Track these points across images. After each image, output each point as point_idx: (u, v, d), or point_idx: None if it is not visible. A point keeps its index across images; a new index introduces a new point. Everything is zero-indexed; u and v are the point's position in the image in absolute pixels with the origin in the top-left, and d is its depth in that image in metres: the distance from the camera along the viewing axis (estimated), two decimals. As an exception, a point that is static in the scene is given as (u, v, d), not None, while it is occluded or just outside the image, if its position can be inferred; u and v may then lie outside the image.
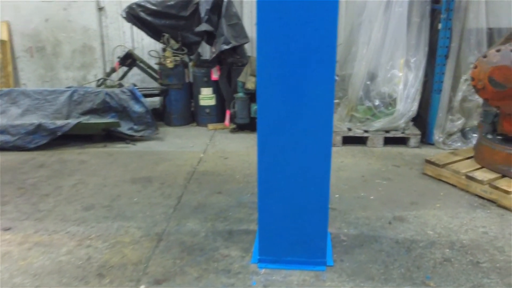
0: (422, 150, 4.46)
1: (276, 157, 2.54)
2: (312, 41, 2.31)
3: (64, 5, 5.76)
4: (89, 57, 5.95)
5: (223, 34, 4.77)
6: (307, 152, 2.53)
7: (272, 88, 2.42)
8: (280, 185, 2.56)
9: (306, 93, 2.42)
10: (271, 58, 2.37)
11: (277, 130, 2.49)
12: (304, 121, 2.47)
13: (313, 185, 2.57)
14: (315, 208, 2.57)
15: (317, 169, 2.55)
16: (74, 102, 4.77)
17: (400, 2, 4.21)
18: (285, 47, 2.33)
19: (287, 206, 2.58)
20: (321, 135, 2.54)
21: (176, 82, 5.22)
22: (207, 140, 4.91)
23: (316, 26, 2.27)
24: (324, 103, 2.45)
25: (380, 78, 4.40)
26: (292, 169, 2.55)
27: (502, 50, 3.27)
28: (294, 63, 2.36)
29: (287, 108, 2.46)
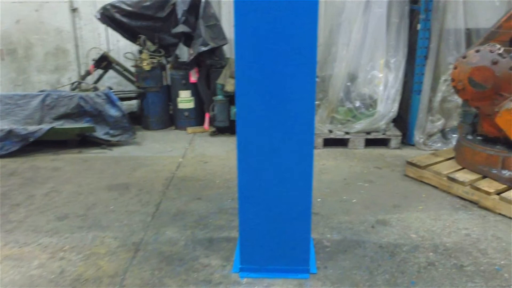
0: (403, 151, 4.44)
1: (257, 162, 2.46)
2: (292, 41, 2.24)
3: (36, 6, 5.57)
4: (62, 59, 5.77)
5: (201, 36, 4.68)
6: (289, 156, 2.46)
7: (251, 90, 2.34)
8: (261, 190, 2.49)
9: (287, 95, 2.35)
10: (250, 60, 2.29)
11: (257, 134, 2.41)
12: (285, 124, 2.41)
13: (295, 189, 2.50)
14: (297, 213, 2.50)
15: (299, 174, 2.49)
16: (47, 107, 4.60)
17: (379, 2, 4.19)
18: (264, 48, 2.26)
19: (268, 212, 2.50)
20: (302, 138, 2.47)
21: (153, 85, 5.09)
22: (186, 144, 4.80)
23: (296, 26, 2.21)
24: (305, 105, 2.38)
25: (361, 79, 4.37)
26: (273, 174, 2.48)
27: (481, 50, 3.27)
28: (274, 64, 2.29)
29: (267, 110, 2.39)
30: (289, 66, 2.30)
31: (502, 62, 3.19)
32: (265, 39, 2.25)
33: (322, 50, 4.96)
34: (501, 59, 3.19)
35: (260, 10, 2.19)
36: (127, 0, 4.86)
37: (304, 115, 2.40)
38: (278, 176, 2.49)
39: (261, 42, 2.25)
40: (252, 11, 2.20)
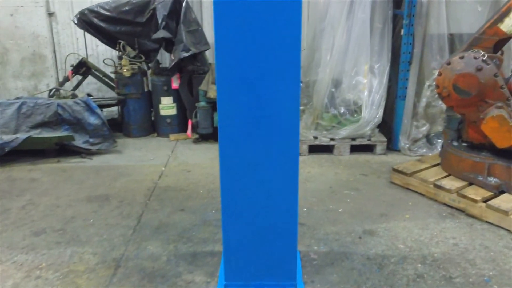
0: (389, 157, 4.41)
1: (240, 172, 2.38)
2: (274, 46, 2.17)
3: (10, 11, 5.39)
4: (40, 65, 5.60)
5: (182, 41, 4.57)
6: (273, 166, 2.39)
7: (233, 97, 2.26)
8: (245, 203, 2.40)
9: (270, 101, 2.27)
10: (231, 64, 2.20)
11: (239, 143, 2.33)
12: (269, 132, 2.33)
13: (280, 201, 2.43)
14: (283, 227, 2.43)
15: (284, 185, 2.41)
16: (23, 115, 4.44)
17: (362, 8, 4.15)
18: (245, 52, 2.18)
19: (253, 226, 2.42)
20: (287, 146, 2.40)
21: (134, 91, 4.96)
22: (168, 151, 4.68)
23: (279, 31, 2.13)
24: (289, 111, 2.31)
25: (345, 85, 4.33)
26: (258, 185, 2.40)
27: (465, 57, 3.25)
28: (256, 69, 2.21)
29: (250, 118, 2.31)
30: (272, 70, 2.22)
31: (486, 69, 3.18)
32: (246, 42, 2.16)
33: (305, 55, 4.92)
34: (485, 66, 3.18)
35: (241, 12, 2.11)
36: (105, 5, 4.74)
37: (289, 122, 2.32)
38: (262, 187, 2.42)
39: (242, 45, 2.17)
40: (233, 13, 2.11)
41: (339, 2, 4.28)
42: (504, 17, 3.20)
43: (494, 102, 3.21)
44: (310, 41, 4.86)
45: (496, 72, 3.18)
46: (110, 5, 4.73)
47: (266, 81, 2.27)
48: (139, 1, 4.69)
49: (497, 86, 3.18)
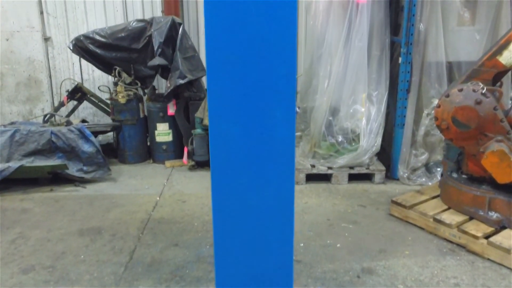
0: (388, 186, 4.34)
1: (232, 203, 2.29)
2: (268, 69, 2.11)
3: (6, 35, 5.37)
4: (35, 90, 5.56)
5: (178, 68, 4.53)
6: (268, 196, 2.32)
7: (225, 121, 2.20)
8: (238, 238, 2.31)
9: (264, 126, 2.22)
10: (223, 88, 2.14)
11: (232, 171, 2.26)
12: (263, 159, 2.27)
13: (275, 236, 2.33)
14: (278, 265, 2.34)
15: (280, 217, 2.32)
16: (16, 143, 4.37)
17: (360, 36, 4.11)
18: (238, 76, 2.12)
19: (247, 265, 2.33)
20: (282, 175, 2.34)
21: (129, 117, 4.90)
22: (164, 179, 4.61)
23: (274, 55, 2.08)
24: (284, 137, 2.25)
25: (343, 114, 4.27)
26: (251, 218, 2.30)
27: (464, 89, 3.20)
28: (249, 93, 2.15)
29: (243, 145, 2.24)
30: (265, 95, 2.15)
31: (485, 102, 3.13)
32: (239, 65, 2.10)
33: (302, 81, 4.90)
34: (484, 99, 3.12)
35: (233, 33, 2.05)
36: (101, 31, 4.70)
37: (284, 149, 2.26)
38: (256, 221, 2.33)
39: (234, 68, 2.11)
40: (225, 34, 2.06)
41: (336, 30, 4.25)
42: (503, 50, 3.16)
43: (494, 136, 3.15)
44: (307, 67, 4.83)
45: (495, 105, 3.12)
46: (106, 31, 4.70)
47: (260, 106, 2.20)
48: (135, 27, 4.66)
49: (497, 120, 3.12)
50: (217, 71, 2.13)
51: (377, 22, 4.29)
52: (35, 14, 5.31)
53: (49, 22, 5.37)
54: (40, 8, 5.31)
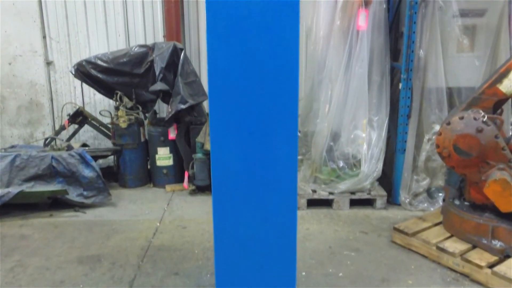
0: (389, 212, 4.31)
1: (234, 234, 2.30)
2: (270, 95, 2.12)
3: (9, 60, 5.40)
4: (36, 113, 5.57)
5: (179, 93, 4.55)
6: (270, 224, 2.31)
7: (226, 146, 2.20)
8: (239, 267, 2.31)
9: (266, 151, 2.21)
10: (225, 113, 2.15)
11: (234, 196, 2.26)
12: (265, 186, 2.26)
13: (277, 265, 2.34)
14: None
15: (282, 246, 2.33)
16: (17, 168, 4.36)
17: (360, 62, 4.14)
18: (240, 101, 2.13)
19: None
20: (284, 201, 2.33)
21: (130, 141, 4.91)
22: (164, 204, 4.58)
23: (276, 79, 2.09)
24: (287, 162, 2.25)
25: (344, 139, 4.28)
26: (253, 246, 2.31)
27: (465, 117, 3.21)
28: (252, 118, 2.16)
29: (244, 170, 2.24)
30: (268, 118, 2.17)
31: (487, 130, 3.13)
32: (242, 89, 2.12)
33: (303, 105, 4.90)
34: (485, 127, 3.13)
35: (235, 56, 2.07)
36: (103, 56, 4.74)
37: (286, 174, 2.26)
38: (258, 250, 2.33)
39: (237, 92, 2.13)
40: (227, 57, 2.07)
41: (337, 56, 4.28)
42: (502, 78, 3.18)
43: (496, 164, 3.15)
44: (308, 91, 4.84)
45: (497, 133, 3.12)
46: (108, 56, 4.73)
47: (262, 131, 2.21)
48: (137, 53, 4.70)
49: (498, 148, 3.12)
50: (219, 96, 2.15)
51: (377, 48, 4.33)
52: (38, 38, 5.35)
53: (52, 47, 5.41)
54: (43, 33, 5.36)
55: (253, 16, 1.99)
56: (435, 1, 4.08)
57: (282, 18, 1.98)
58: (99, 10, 5.31)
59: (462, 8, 4.08)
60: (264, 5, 1.98)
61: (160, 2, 5.25)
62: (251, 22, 2.00)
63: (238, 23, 2.00)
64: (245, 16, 1.99)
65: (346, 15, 4.19)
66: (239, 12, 1.98)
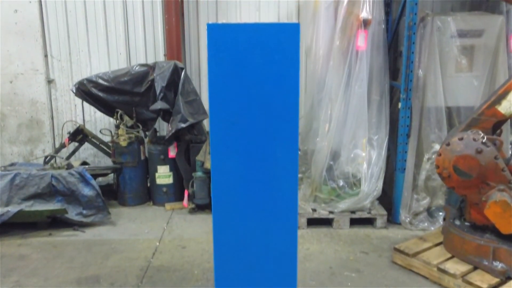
0: (390, 231, 4.29)
1: (235, 252, 2.29)
2: (271, 114, 2.14)
3: (10, 78, 5.43)
4: (37, 131, 5.57)
5: (179, 112, 4.57)
6: (270, 245, 2.31)
7: (227, 164, 2.21)
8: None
9: (267, 170, 2.22)
10: (225, 132, 2.17)
11: (234, 215, 2.26)
12: (265, 205, 2.26)
13: (278, 286, 2.32)
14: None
15: (283, 266, 2.32)
16: (16, 187, 4.35)
17: (359, 83, 4.17)
18: (241, 119, 2.14)
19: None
20: (285, 221, 2.33)
21: (130, 160, 4.91)
22: (163, 223, 4.56)
23: (277, 98, 2.11)
24: (288, 182, 2.26)
25: (343, 158, 4.28)
26: (254, 267, 2.30)
27: (464, 138, 3.22)
28: (252, 136, 2.17)
29: (246, 189, 2.25)
30: (268, 137, 2.18)
31: (486, 151, 3.14)
32: (242, 109, 2.14)
33: (303, 124, 4.92)
34: (485, 148, 3.14)
35: (235, 77, 2.08)
36: (104, 75, 4.76)
37: (287, 195, 2.26)
38: (259, 272, 2.32)
39: (236, 111, 2.14)
40: (227, 76, 2.09)
41: (336, 75, 4.31)
42: (501, 100, 3.20)
43: (496, 185, 3.15)
44: (308, 110, 4.86)
45: (496, 154, 3.13)
46: (109, 75, 4.76)
47: (263, 150, 2.22)
48: (138, 72, 4.73)
49: (498, 169, 3.13)
50: (220, 116, 2.16)
51: (376, 67, 4.36)
52: (40, 57, 5.38)
53: (53, 65, 5.45)
54: (44, 51, 5.39)
55: (255, 41, 2.02)
56: (433, 22, 4.13)
57: (283, 44, 2.01)
58: (100, 29, 5.35)
59: (460, 28, 4.13)
60: (265, 30, 2.00)
61: (161, 21, 5.29)
62: (252, 47, 2.02)
63: (239, 47, 2.03)
64: (246, 41, 2.01)
65: (345, 35, 4.23)
66: (240, 37, 2.01)
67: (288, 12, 5.40)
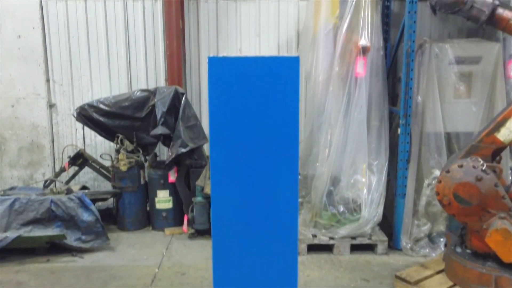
0: (390, 257, 4.26)
1: (235, 280, 2.27)
2: (272, 142, 2.15)
3: (12, 102, 5.47)
4: (37, 155, 5.58)
5: (180, 137, 4.59)
6: (271, 272, 2.29)
7: (227, 190, 2.22)
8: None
9: (267, 196, 2.22)
10: (225, 160, 2.18)
11: (234, 243, 2.26)
12: (266, 232, 2.26)
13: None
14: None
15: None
16: (15, 212, 4.33)
17: (359, 109, 4.20)
18: (241, 148, 2.16)
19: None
20: (285, 247, 2.32)
21: (130, 184, 4.90)
22: (163, 249, 4.53)
23: (276, 123, 2.13)
24: (287, 209, 2.26)
25: (343, 183, 4.28)
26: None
27: (464, 166, 3.22)
28: (252, 165, 2.18)
29: (245, 215, 2.25)
30: (268, 162, 2.19)
31: (486, 179, 3.14)
32: (242, 139, 2.15)
33: (303, 148, 4.93)
34: (485, 176, 3.14)
35: (234, 101, 2.10)
36: (105, 100, 4.80)
37: (287, 221, 2.26)
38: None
39: (237, 141, 2.15)
40: (226, 101, 2.11)
41: (336, 101, 4.34)
42: (500, 127, 3.21)
43: (497, 212, 3.14)
44: (308, 135, 4.88)
45: (496, 182, 3.13)
46: (110, 100, 4.80)
47: (263, 176, 2.22)
48: (139, 97, 4.77)
49: (498, 196, 3.12)
50: (220, 143, 2.18)
51: (376, 93, 4.40)
52: (42, 81, 5.43)
53: (55, 90, 5.49)
54: (46, 76, 5.44)
55: (255, 74, 2.04)
56: (431, 49, 4.19)
57: (283, 77, 2.04)
58: (102, 54, 5.42)
59: (458, 55, 4.19)
60: (265, 64, 2.03)
61: (162, 47, 5.36)
62: (252, 80, 2.05)
63: (240, 80, 2.06)
64: (246, 74, 2.04)
65: (344, 62, 4.28)
66: (240, 70, 2.04)
67: (288, 38, 5.47)
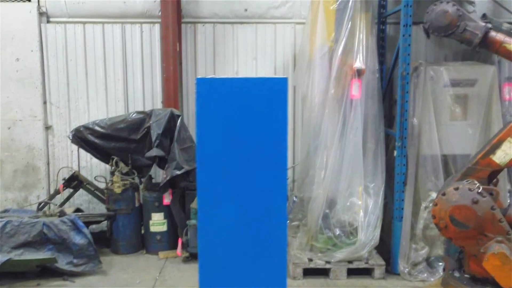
0: (388, 282, 4.16)
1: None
2: (260, 162, 2.13)
3: (8, 124, 5.46)
4: (32, 177, 5.54)
5: (175, 159, 4.56)
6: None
7: (214, 215, 2.19)
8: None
9: (254, 218, 2.20)
10: (213, 182, 2.16)
11: (222, 268, 2.22)
12: (254, 258, 2.21)
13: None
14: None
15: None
16: (7, 235, 4.27)
17: (354, 131, 4.19)
18: (228, 170, 2.13)
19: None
20: (274, 271, 2.27)
21: (124, 207, 4.85)
22: (156, 273, 4.44)
23: (264, 147, 2.11)
24: (276, 234, 2.22)
25: (340, 206, 4.23)
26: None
27: (460, 188, 3.19)
28: (240, 187, 2.16)
29: (234, 238, 2.21)
30: (256, 188, 2.17)
31: (482, 202, 3.10)
32: (230, 160, 2.13)
33: (299, 170, 4.91)
34: (481, 199, 3.10)
35: (220, 119, 2.08)
36: (100, 122, 4.80)
37: (276, 249, 2.22)
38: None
39: (224, 163, 2.13)
40: (212, 117, 2.09)
41: (331, 123, 4.33)
42: (495, 149, 3.19)
43: (494, 236, 3.08)
44: (304, 157, 4.86)
45: (493, 205, 3.09)
46: (105, 122, 4.80)
47: (251, 199, 2.20)
48: (135, 119, 4.77)
49: (495, 220, 3.07)
50: (207, 162, 2.16)
51: (371, 115, 4.39)
52: (39, 104, 5.44)
53: (52, 112, 5.49)
54: (43, 98, 5.45)
55: (243, 95, 2.03)
56: (426, 72, 4.20)
57: (270, 97, 2.02)
58: (100, 77, 5.43)
59: (453, 78, 4.20)
60: (253, 85, 2.02)
61: (159, 69, 5.39)
62: (240, 100, 2.04)
63: (228, 101, 2.05)
64: (234, 95, 2.03)
65: (340, 84, 4.28)
66: (228, 91, 2.03)
67: (285, 61, 5.50)
